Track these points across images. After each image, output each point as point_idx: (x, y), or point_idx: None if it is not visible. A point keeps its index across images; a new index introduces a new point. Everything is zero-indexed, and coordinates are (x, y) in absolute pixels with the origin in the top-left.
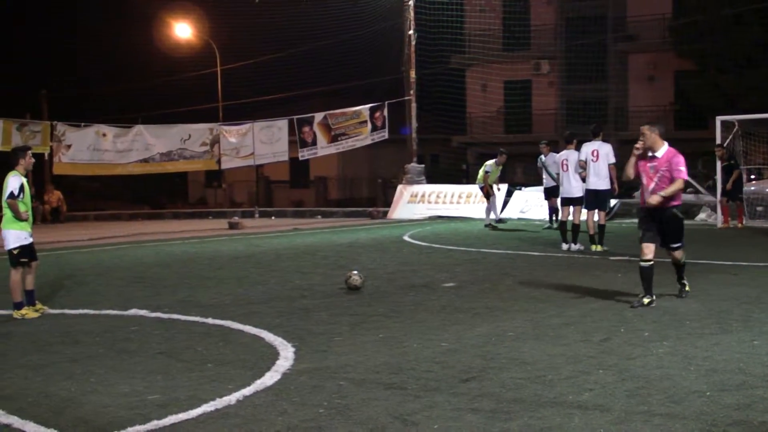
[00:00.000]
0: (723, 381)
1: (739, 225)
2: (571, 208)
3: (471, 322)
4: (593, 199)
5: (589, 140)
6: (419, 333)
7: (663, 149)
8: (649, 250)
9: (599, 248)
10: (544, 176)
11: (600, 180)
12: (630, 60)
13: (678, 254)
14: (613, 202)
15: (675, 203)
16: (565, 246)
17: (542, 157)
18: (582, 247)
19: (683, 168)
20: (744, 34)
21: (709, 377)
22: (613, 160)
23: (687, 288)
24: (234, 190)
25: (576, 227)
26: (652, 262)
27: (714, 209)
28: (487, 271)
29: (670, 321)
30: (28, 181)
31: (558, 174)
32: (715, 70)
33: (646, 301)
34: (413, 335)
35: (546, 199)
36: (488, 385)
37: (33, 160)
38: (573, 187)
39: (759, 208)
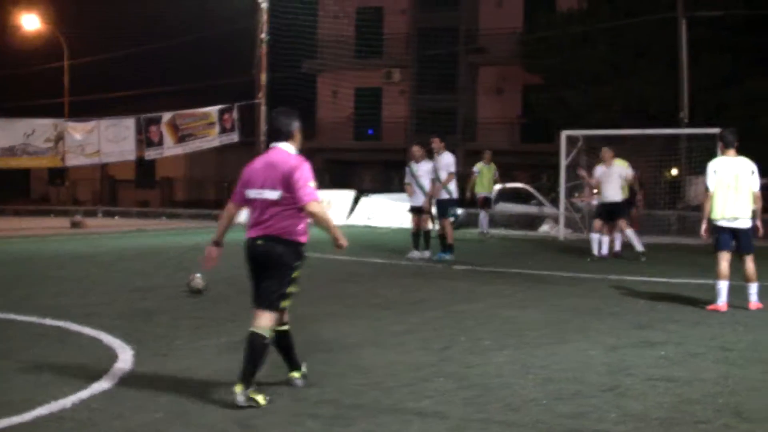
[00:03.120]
0: (559, 390)
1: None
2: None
3: (312, 328)
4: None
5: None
6: None
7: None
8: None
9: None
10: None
11: (441, 190)
12: (480, 72)
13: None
14: (459, 211)
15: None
16: (416, 254)
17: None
18: (430, 255)
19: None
20: (591, 52)
21: (545, 386)
22: (452, 169)
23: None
24: (78, 188)
25: (426, 234)
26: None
27: (556, 221)
28: (330, 277)
29: (510, 330)
30: None
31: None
32: (561, 86)
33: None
34: None
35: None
36: (328, 391)
37: None
38: (421, 197)
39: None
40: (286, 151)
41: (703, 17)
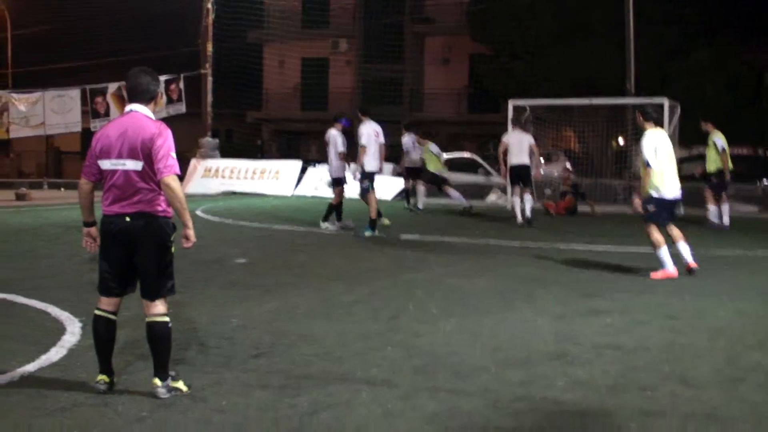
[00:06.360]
0: (507, 358)
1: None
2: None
3: (261, 299)
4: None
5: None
6: (209, 309)
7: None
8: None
9: (386, 221)
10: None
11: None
12: (426, 42)
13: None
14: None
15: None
16: (327, 224)
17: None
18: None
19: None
20: (537, 23)
21: (493, 354)
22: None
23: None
24: (22, 160)
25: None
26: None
27: (504, 191)
28: (279, 248)
29: (457, 299)
30: None
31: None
32: (508, 56)
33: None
34: (203, 311)
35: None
36: (278, 362)
37: None
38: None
39: (547, 191)
40: (146, 115)
41: None
